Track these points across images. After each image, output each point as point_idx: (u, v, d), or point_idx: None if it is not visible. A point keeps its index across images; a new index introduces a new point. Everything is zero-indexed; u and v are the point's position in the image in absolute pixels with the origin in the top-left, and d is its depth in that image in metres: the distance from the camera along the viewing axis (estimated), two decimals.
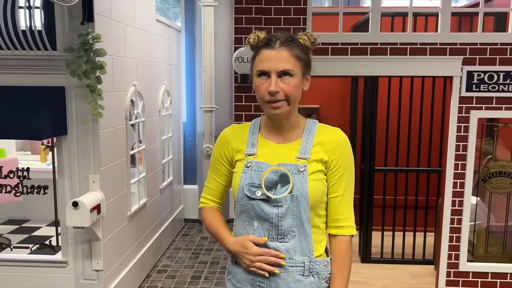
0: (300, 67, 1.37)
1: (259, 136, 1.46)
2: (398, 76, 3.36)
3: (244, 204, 1.40)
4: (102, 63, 2.58)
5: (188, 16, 5.05)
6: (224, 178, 1.51)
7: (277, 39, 1.36)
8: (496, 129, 2.80)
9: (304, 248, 1.39)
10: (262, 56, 1.36)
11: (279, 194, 1.36)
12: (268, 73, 1.34)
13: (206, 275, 3.70)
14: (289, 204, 1.35)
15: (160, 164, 4.13)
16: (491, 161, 2.81)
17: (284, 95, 1.34)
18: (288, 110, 1.38)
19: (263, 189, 1.36)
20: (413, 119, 3.69)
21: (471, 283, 2.80)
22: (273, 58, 1.33)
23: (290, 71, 1.34)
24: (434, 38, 2.67)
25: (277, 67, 1.33)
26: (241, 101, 2.74)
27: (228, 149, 1.48)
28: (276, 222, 1.36)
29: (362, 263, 3.81)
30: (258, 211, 1.38)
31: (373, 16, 2.68)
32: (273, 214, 1.36)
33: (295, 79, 1.35)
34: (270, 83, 1.33)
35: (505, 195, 2.87)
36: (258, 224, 1.39)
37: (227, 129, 1.53)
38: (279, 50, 1.34)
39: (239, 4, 2.67)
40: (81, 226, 2.58)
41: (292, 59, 1.34)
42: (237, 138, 1.48)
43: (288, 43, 1.35)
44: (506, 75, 2.65)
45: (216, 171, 1.52)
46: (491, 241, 2.94)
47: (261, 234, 1.39)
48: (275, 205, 1.36)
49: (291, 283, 1.38)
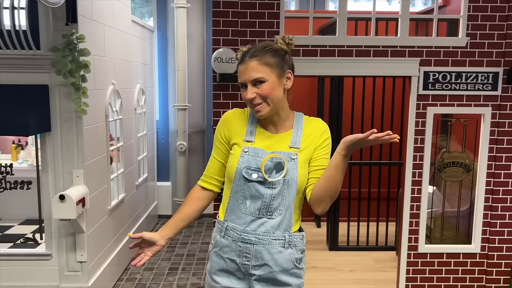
0: (273, 71, 1.56)
1: (258, 126, 1.66)
2: (362, 76, 3.63)
3: (241, 184, 1.60)
4: (87, 63, 2.70)
5: (160, 16, 5.17)
6: (223, 156, 1.69)
7: (248, 53, 1.57)
8: (449, 123, 3.10)
9: (286, 224, 1.61)
10: (239, 70, 1.59)
11: (274, 178, 1.57)
12: (245, 83, 1.56)
13: (184, 267, 3.85)
14: (281, 187, 1.57)
15: (136, 161, 4.24)
16: (445, 153, 3.11)
17: (261, 97, 1.55)
18: (271, 109, 1.58)
19: (262, 173, 1.56)
20: (376, 116, 3.98)
21: (428, 263, 3.10)
22: (245, 71, 1.56)
23: (260, 79, 1.54)
24: (395, 41, 2.93)
25: (249, 78, 1.55)
26: (219, 99, 2.90)
27: (228, 130, 1.67)
28: (269, 201, 1.58)
29: (330, 251, 4.05)
30: (253, 191, 1.58)
31: (340, 20, 2.92)
32: (267, 194, 1.57)
33: (268, 83, 1.55)
34: (246, 92, 1.56)
35: (457, 183, 3.18)
36: (250, 203, 1.59)
37: (230, 112, 1.72)
38: (248, 63, 1.55)
39: (217, 8, 2.84)
40: (67, 218, 2.69)
41: (261, 67, 1.54)
42: (238, 122, 1.67)
43: (257, 53, 1.56)
44: (457, 75, 2.95)
45: (216, 149, 1.71)
46: (446, 225, 3.25)
47: (251, 211, 1.59)
48: (269, 187, 1.57)
49: (274, 254, 1.59)
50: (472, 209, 3.12)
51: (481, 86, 2.94)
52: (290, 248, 1.61)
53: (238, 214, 1.61)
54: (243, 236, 1.60)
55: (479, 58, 2.92)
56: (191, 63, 4.82)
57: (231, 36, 2.83)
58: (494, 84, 2.93)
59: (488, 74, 2.93)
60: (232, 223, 1.62)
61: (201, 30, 4.93)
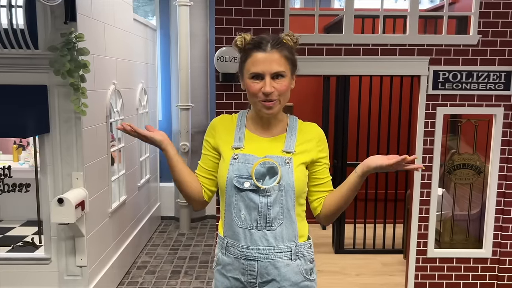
0: (290, 68, 1.46)
1: (246, 130, 1.53)
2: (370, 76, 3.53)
3: (233, 195, 1.47)
4: (86, 62, 2.63)
5: (163, 15, 5.10)
6: (211, 164, 1.57)
7: (267, 42, 1.44)
8: (459, 124, 3.01)
9: (290, 234, 1.48)
10: (255, 58, 1.43)
11: (267, 185, 1.44)
12: (262, 75, 1.42)
13: (186, 270, 3.78)
14: (277, 194, 1.44)
15: (138, 162, 4.17)
16: (456, 154, 3.02)
17: (278, 94, 1.43)
18: (280, 108, 1.48)
19: (253, 179, 1.43)
20: (383, 116, 3.89)
21: (438, 268, 3.01)
22: (266, 61, 1.41)
23: (282, 73, 1.43)
24: (403, 40, 2.84)
25: (271, 69, 1.41)
26: (222, 99, 2.82)
27: (215, 138, 1.56)
28: (265, 211, 1.44)
29: (336, 254, 3.97)
30: (247, 201, 1.45)
31: (347, 18, 2.83)
32: (262, 203, 1.44)
33: (286, 79, 1.44)
34: (265, 84, 1.41)
35: (468, 186, 3.08)
36: (245, 214, 1.46)
37: (216, 119, 1.60)
38: (270, 53, 1.42)
39: (220, 6, 2.76)
40: (66, 222, 2.62)
41: (283, 60, 1.43)
42: (225, 129, 1.55)
43: (278, 45, 1.44)
44: (468, 74, 2.86)
45: (203, 157, 1.60)
46: (455, 229, 3.16)
47: (248, 224, 1.46)
48: (264, 195, 1.44)
49: (281, 268, 1.46)
50: (483, 212, 3.03)
51: (492, 86, 2.85)
52: (298, 259, 1.50)
53: (235, 229, 1.49)
54: (245, 252, 1.47)
55: (491, 56, 2.82)
56: (194, 62, 4.75)
57: (234, 34, 2.74)
58: (507, 84, 2.84)
59: (500, 73, 2.83)
60: (231, 239, 1.50)
61: (205, 29, 4.86)
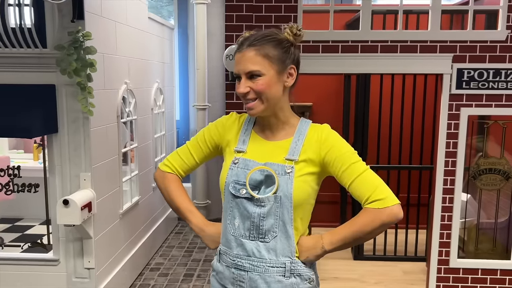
0: (272, 65, 1.33)
1: (252, 132, 1.45)
2: (389, 74, 3.37)
3: (229, 201, 1.40)
4: (93, 61, 2.57)
5: (181, 14, 5.05)
6: (201, 157, 1.52)
7: (246, 41, 1.35)
8: (486, 126, 2.81)
9: (286, 249, 1.36)
10: (235, 59, 1.37)
11: (263, 194, 1.34)
12: (239, 75, 1.35)
13: (199, 273, 3.70)
14: (272, 205, 1.34)
15: (153, 162, 4.12)
16: (481, 158, 2.83)
17: (255, 93, 1.33)
18: (265, 108, 1.35)
19: (247, 187, 1.35)
20: (405, 117, 3.71)
21: (461, 279, 2.82)
22: (241, 61, 1.34)
23: (256, 72, 1.32)
24: (425, 36, 2.68)
25: (244, 69, 1.33)
26: (232, 99, 2.74)
27: (220, 135, 1.49)
28: (258, 222, 1.35)
29: (354, 260, 3.82)
30: (242, 209, 1.37)
31: (364, 13, 2.69)
32: (255, 213, 1.35)
33: (264, 78, 1.32)
34: (239, 85, 1.34)
35: (495, 192, 2.88)
36: (239, 222, 1.38)
37: (226, 117, 1.53)
38: (245, 52, 1.33)
39: (230, 2, 2.67)
40: (71, 224, 2.58)
41: (259, 58, 1.32)
42: (232, 129, 1.48)
43: (257, 42, 1.32)
44: (495, 73, 2.66)
45: (196, 147, 1.52)
46: (481, 237, 2.96)
47: (241, 233, 1.38)
48: (258, 205, 1.35)
49: (271, 283, 1.36)
50: None
51: None
52: (293, 277, 1.37)
53: (228, 236, 1.41)
54: (236, 261, 1.39)
55: None
56: (211, 61, 4.67)
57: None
58: None
59: None
60: (224, 246, 1.43)
61: (222, 27, 4.77)
